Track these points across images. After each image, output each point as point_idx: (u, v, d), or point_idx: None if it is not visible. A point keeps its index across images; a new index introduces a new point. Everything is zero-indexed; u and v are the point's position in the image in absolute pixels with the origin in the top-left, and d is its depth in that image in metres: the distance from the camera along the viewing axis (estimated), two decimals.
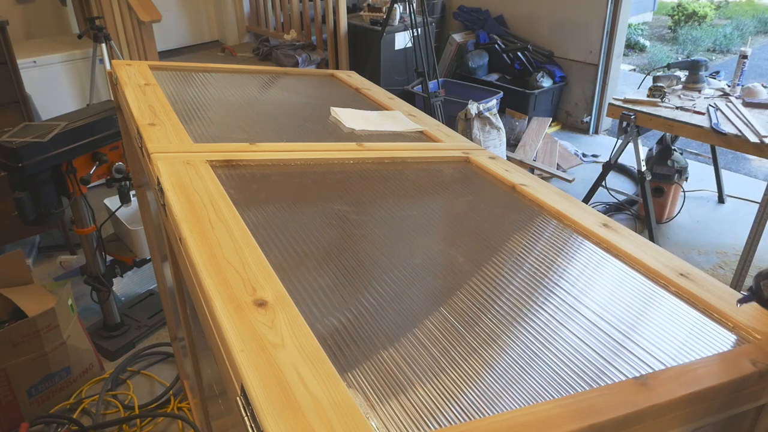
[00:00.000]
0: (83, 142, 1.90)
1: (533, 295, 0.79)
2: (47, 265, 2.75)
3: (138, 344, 2.30)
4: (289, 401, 0.53)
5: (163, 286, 1.85)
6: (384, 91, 1.58)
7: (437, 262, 0.86)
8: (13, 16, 3.46)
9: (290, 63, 4.10)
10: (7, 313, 1.96)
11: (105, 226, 2.17)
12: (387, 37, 4.01)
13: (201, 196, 0.87)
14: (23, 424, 1.82)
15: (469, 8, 4.60)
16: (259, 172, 1.04)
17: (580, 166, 3.80)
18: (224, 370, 0.61)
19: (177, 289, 1.19)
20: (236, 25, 4.81)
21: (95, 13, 3.27)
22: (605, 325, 0.73)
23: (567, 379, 0.63)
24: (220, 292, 0.67)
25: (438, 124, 1.42)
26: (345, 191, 1.04)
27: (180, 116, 1.17)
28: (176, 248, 0.84)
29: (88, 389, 2.10)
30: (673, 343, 0.70)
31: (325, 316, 0.69)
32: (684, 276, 0.83)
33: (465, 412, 0.58)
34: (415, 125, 1.37)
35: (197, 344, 1.26)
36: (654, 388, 0.60)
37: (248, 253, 0.75)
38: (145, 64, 1.49)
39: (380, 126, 1.35)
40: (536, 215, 1.02)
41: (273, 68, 1.74)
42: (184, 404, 2.03)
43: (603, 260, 0.88)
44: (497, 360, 0.66)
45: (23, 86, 2.67)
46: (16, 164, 1.75)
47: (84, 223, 2.08)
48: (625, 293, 0.80)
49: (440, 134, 1.34)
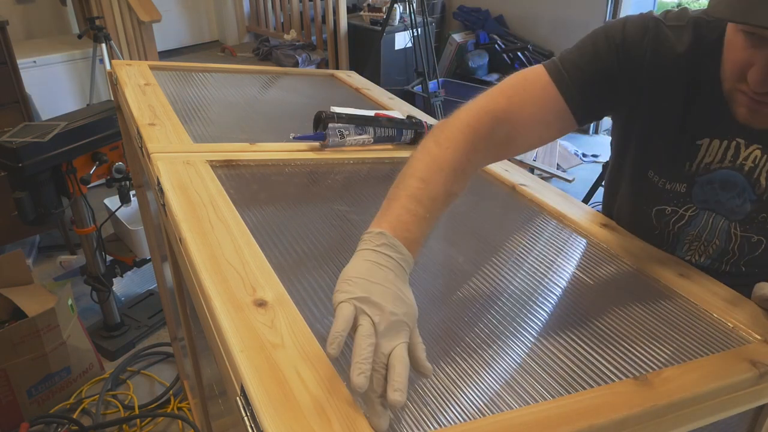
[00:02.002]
0: (83, 142, 1.90)
1: (533, 295, 0.79)
2: (47, 265, 2.75)
3: (138, 344, 2.30)
4: (289, 401, 0.53)
5: (163, 286, 1.85)
6: (384, 91, 1.58)
7: (437, 262, 0.86)
8: (13, 16, 3.46)
9: (290, 63, 4.10)
10: (7, 313, 1.96)
11: (105, 226, 2.17)
12: (387, 37, 4.01)
13: (201, 196, 0.87)
14: (23, 424, 1.82)
15: (469, 8, 4.60)
16: (259, 172, 1.04)
17: (580, 166, 3.80)
18: (224, 370, 0.61)
19: (177, 289, 1.19)
20: (236, 25, 4.81)
21: (95, 13, 3.27)
22: (605, 324, 0.73)
23: (567, 379, 0.63)
24: (220, 292, 0.67)
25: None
26: (345, 191, 1.04)
27: (180, 116, 1.17)
28: (176, 248, 0.84)
29: (88, 389, 2.10)
30: (673, 343, 0.70)
31: (325, 316, 0.69)
32: (684, 276, 0.83)
33: (465, 412, 0.58)
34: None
35: (197, 344, 1.26)
36: (654, 388, 0.60)
37: (248, 253, 0.75)
38: (145, 64, 1.49)
39: None
40: (536, 215, 1.02)
41: (273, 68, 1.74)
42: (184, 404, 2.03)
43: (603, 260, 0.88)
44: (497, 360, 0.66)
45: (23, 86, 2.66)
46: (16, 164, 1.74)
47: (84, 223, 2.08)
48: (625, 293, 0.80)
49: None
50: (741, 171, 0.83)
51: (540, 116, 0.84)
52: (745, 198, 0.84)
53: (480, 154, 0.78)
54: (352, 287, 0.59)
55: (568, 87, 0.83)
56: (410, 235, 0.66)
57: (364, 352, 0.54)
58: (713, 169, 0.85)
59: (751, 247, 0.86)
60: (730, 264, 0.89)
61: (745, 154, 0.82)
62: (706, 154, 0.85)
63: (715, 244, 0.89)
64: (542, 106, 0.84)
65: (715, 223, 0.87)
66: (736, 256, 0.88)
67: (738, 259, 0.88)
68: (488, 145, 0.79)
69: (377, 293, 0.59)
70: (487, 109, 0.81)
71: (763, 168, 0.81)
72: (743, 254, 0.88)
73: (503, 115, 0.81)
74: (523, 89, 0.84)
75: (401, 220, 0.66)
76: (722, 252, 0.89)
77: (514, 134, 0.82)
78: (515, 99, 0.83)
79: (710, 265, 0.90)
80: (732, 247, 0.88)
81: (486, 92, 0.84)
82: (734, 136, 0.82)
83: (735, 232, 0.86)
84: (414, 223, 0.67)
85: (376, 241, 0.63)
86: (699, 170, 0.86)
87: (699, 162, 0.86)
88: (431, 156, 0.74)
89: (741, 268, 0.89)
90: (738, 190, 0.84)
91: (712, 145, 0.84)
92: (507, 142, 0.82)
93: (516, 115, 0.82)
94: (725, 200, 0.85)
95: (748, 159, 0.82)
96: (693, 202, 0.88)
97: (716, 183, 0.85)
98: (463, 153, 0.75)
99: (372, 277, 0.60)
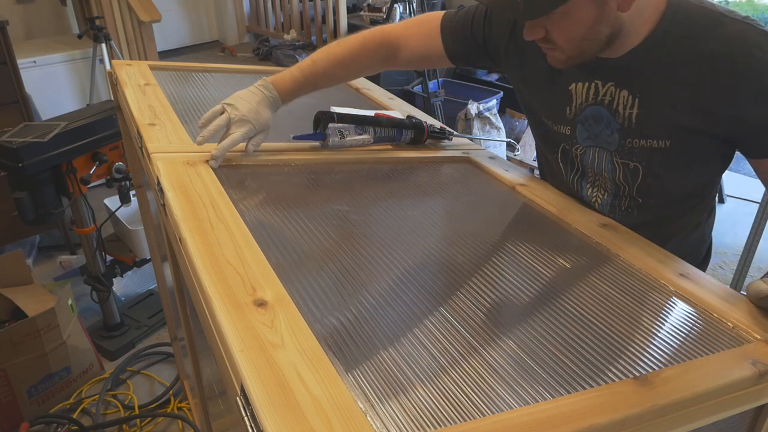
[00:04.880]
0: (83, 142, 1.90)
1: (533, 295, 0.79)
2: (47, 265, 2.75)
3: (138, 344, 2.30)
4: (289, 401, 0.53)
5: (163, 286, 1.85)
6: (384, 91, 1.58)
7: (437, 262, 0.86)
8: (13, 16, 3.46)
9: (290, 63, 4.10)
10: (7, 313, 1.96)
11: (105, 226, 2.17)
12: None
13: (201, 196, 0.87)
14: (23, 424, 1.82)
15: None
16: (259, 172, 1.04)
17: None
18: (224, 370, 0.61)
19: (177, 289, 1.19)
20: (236, 25, 4.81)
21: (95, 13, 3.27)
22: (605, 324, 0.73)
23: (567, 379, 0.63)
24: (220, 292, 0.67)
25: (438, 124, 1.42)
26: (345, 191, 1.04)
27: (180, 116, 1.17)
28: (176, 248, 0.84)
29: (88, 389, 2.10)
30: (673, 342, 0.70)
31: (325, 316, 0.69)
32: (684, 276, 0.83)
33: (465, 412, 0.58)
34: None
35: (197, 344, 1.26)
36: (654, 388, 0.61)
37: (248, 253, 0.75)
38: (145, 64, 1.49)
39: None
40: (536, 215, 1.02)
41: (273, 68, 1.74)
42: (184, 404, 2.03)
43: (602, 260, 0.88)
44: (497, 360, 0.66)
45: (23, 86, 2.66)
46: (16, 164, 1.74)
47: (84, 223, 2.08)
48: (625, 293, 0.80)
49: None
50: (603, 105, 0.96)
51: (421, 50, 1.13)
52: (612, 129, 0.96)
53: (363, 58, 1.13)
54: (228, 99, 1.04)
55: (447, 38, 1.10)
56: (283, 87, 1.09)
57: (213, 127, 1.00)
58: (585, 108, 0.99)
59: (632, 175, 0.98)
60: (627, 198, 1.02)
61: (603, 90, 0.95)
62: (576, 97, 0.99)
63: (606, 177, 1.02)
64: (426, 44, 1.13)
65: (600, 156, 1.01)
66: (626, 187, 1.01)
67: (630, 191, 1.01)
68: (371, 54, 1.13)
69: (240, 104, 1.03)
70: (383, 31, 1.14)
71: (618, 100, 0.94)
72: (630, 184, 1.00)
73: (393, 38, 1.13)
74: (418, 24, 1.14)
75: (283, 78, 1.10)
76: (615, 186, 1.02)
77: (395, 55, 1.14)
78: (409, 31, 1.13)
79: (612, 201, 1.03)
80: (618, 177, 1.00)
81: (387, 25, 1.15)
82: (593, 78, 0.96)
83: (616, 160, 0.99)
84: (290, 81, 1.10)
85: (259, 83, 1.07)
86: (576, 111, 1.00)
87: (574, 104, 0.99)
88: (328, 48, 1.13)
89: (638, 200, 1.01)
90: (605, 121, 0.97)
91: (578, 88, 0.98)
92: (387, 58, 1.14)
93: (403, 42, 1.13)
94: (600, 133, 0.98)
95: (606, 94, 0.95)
96: (579, 142, 1.02)
97: (590, 119, 0.99)
98: (349, 52, 1.12)
99: (243, 96, 1.04)
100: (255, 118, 1.02)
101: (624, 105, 0.93)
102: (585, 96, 0.98)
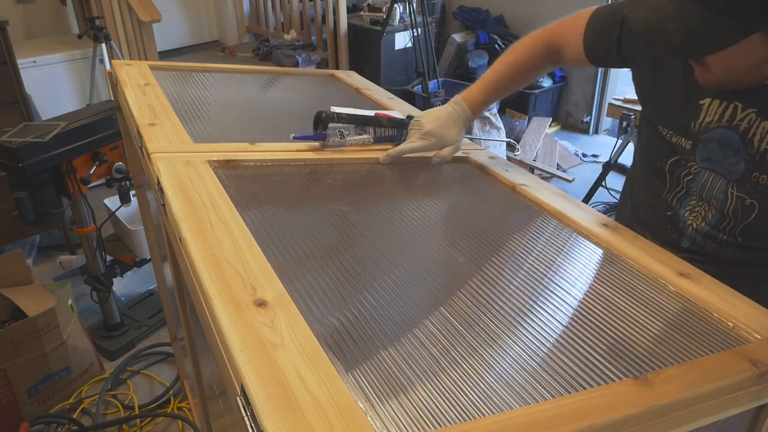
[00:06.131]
0: (83, 142, 1.90)
1: (533, 295, 0.79)
2: (47, 265, 2.75)
3: (138, 344, 2.30)
4: (289, 401, 0.53)
5: (163, 286, 1.85)
6: (384, 91, 1.58)
7: (437, 262, 0.86)
8: (13, 16, 3.46)
9: (290, 63, 4.10)
10: (7, 313, 1.97)
11: (105, 226, 2.17)
12: (387, 37, 4.01)
13: (201, 196, 0.87)
14: (23, 424, 1.82)
15: (469, 8, 4.60)
16: (259, 172, 1.04)
17: (580, 166, 3.80)
18: (224, 370, 0.61)
19: (177, 289, 1.19)
20: (236, 25, 4.81)
21: (95, 13, 3.27)
22: (605, 324, 0.73)
23: (567, 379, 0.63)
24: (220, 292, 0.67)
25: None
26: (345, 191, 1.04)
27: (180, 116, 1.17)
28: (176, 248, 0.84)
29: (88, 389, 2.10)
30: (673, 342, 0.70)
31: (325, 316, 0.69)
32: (684, 276, 0.83)
33: (465, 412, 0.58)
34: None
35: (197, 344, 1.26)
36: (654, 388, 0.60)
37: (248, 253, 0.75)
38: (145, 64, 1.49)
39: None
40: (536, 215, 1.02)
41: (273, 68, 1.74)
42: (184, 404, 2.03)
43: (603, 260, 0.88)
44: (497, 360, 0.66)
45: (23, 86, 2.66)
46: (16, 164, 1.75)
47: (84, 223, 2.08)
48: (625, 293, 0.80)
49: None
50: (737, 131, 0.88)
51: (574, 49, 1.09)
52: (740, 157, 0.89)
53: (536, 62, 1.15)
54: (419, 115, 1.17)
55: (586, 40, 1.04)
56: (472, 100, 1.16)
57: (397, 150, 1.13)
58: (712, 128, 0.91)
59: (745, 211, 0.92)
60: (726, 232, 0.95)
61: (741, 115, 0.87)
62: (707, 114, 0.91)
63: (714, 205, 0.95)
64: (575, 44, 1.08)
65: (714, 182, 0.94)
66: (732, 222, 0.94)
67: (734, 227, 0.94)
68: (542, 57, 1.14)
69: (426, 119, 1.14)
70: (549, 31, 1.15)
71: (756, 129, 0.86)
72: (738, 219, 0.93)
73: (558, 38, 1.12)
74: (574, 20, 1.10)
75: (471, 92, 1.17)
76: (720, 217, 0.95)
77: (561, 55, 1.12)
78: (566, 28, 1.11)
79: (708, 231, 0.97)
80: (728, 209, 0.93)
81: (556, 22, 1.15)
82: (732, 99, 0.88)
83: (731, 191, 0.92)
84: (478, 93, 1.17)
85: (452, 100, 1.17)
86: (701, 129, 0.92)
87: (701, 121, 0.92)
88: (504, 57, 1.17)
89: (737, 237, 0.94)
90: (734, 149, 0.89)
91: (712, 105, 0.90)
92: (556, 60, 1.14)
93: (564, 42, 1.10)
94: (722, 159, 0.91)
95: (743, 120, 0.87)
96: (696, 161, 0.95)
97: (715, 141, 0.91)
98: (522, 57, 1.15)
99: (432, 112, 1.16)
100: (438, 132, 1.12)
101: (762, 137, 0.85)
102: (718, 115, 0.89)
